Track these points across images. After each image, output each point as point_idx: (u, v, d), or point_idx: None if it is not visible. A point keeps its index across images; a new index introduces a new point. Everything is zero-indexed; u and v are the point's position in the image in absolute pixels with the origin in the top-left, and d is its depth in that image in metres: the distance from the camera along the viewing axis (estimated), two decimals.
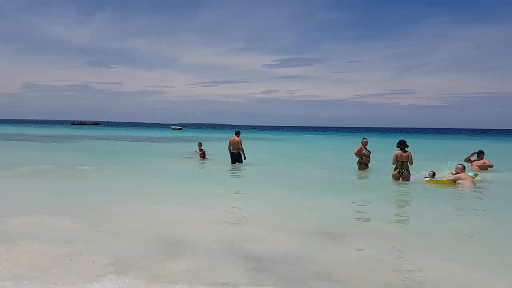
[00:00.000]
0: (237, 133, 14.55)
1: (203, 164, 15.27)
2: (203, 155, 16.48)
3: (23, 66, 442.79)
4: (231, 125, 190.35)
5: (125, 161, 15.43)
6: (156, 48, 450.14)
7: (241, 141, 14.37)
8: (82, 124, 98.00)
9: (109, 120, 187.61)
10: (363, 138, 13.56)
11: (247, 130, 78.22)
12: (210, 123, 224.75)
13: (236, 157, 14.37)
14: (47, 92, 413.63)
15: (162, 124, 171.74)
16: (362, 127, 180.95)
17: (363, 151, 13.37)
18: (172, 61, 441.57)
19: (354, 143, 18.35)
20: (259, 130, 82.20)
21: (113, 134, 47.40)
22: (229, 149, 14.47)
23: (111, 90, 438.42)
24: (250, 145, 20.21)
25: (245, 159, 14.39)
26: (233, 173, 13.06)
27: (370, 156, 13.52)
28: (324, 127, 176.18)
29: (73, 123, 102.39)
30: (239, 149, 14.28)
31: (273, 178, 11.71)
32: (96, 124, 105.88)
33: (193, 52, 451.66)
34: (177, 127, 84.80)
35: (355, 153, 13.54)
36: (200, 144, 17.44)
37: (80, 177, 10.91)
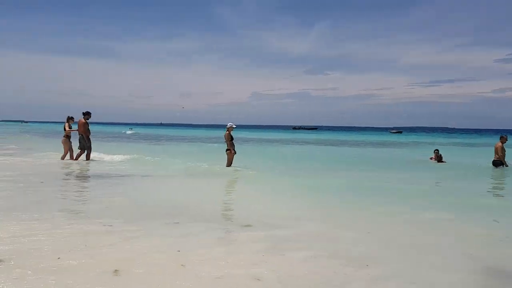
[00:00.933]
0: (502, 138, 13.16)
1: (448, 171, 13.50)
2: (439, 159, 16.15)
3: (251, 78, 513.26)
4: (453, 128, 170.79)
5: (360, 167, 14.89)
6: (372, 51, 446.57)
7: (502, 147, 13.07)
8: (302, 129, 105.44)
9: (324, 125, 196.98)
10: None
11: (475, 135, 67.83)
12: (428, 126, 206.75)
13: (497, 164, 13.25)
14: (270, 100, 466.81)
15: (377, 127, 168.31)
16: None
17: None
18: (388, 63, 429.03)
19: None
20: (495, 134, 69.50)
21: (335, 138, 48.78)
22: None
23: (327, 95, 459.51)
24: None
25: (506, 166, 13.06)
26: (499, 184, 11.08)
27: None
28: None
29: (294, 128, 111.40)
30: (500, 156, 13.10)
31: None
32: (314, 128, 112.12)
33: (411, 52, 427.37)
34: (396, 131, 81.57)
35: None
36: (436, 151, 16.68)
37: (331, 181, 10.47)
